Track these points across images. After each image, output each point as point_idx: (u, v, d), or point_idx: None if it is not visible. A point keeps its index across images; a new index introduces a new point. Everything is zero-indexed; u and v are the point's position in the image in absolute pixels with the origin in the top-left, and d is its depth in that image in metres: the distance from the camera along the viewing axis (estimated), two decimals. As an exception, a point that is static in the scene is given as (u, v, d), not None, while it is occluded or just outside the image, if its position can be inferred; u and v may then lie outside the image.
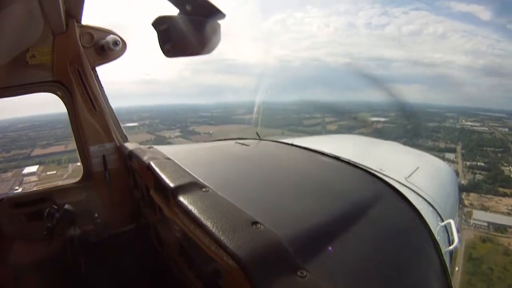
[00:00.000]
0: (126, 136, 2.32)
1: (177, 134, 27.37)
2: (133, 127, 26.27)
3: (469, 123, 28.69)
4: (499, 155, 23.56)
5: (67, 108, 2.15)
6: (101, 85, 2.15)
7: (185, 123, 30.08)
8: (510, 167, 21.41)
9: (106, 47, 2.02)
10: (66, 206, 1.78)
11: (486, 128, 27.93)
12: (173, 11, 1.06)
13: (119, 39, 2.04)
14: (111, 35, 2.04)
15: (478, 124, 28.64)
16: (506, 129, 27.43)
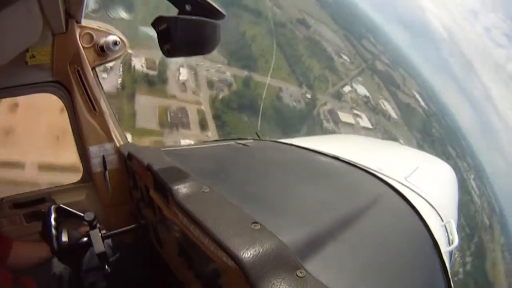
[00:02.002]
0: (126, 137, 2.32)
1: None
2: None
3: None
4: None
5: (66, 108, 2.15)
6: (101, 85, 2.15)
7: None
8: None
9: (106, 47, 2.02)
10: (52, 207, 1.77)
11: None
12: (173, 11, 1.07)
13: (119, 39, 2.04)
14: (111, 35, 2.04)
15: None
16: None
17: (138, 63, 37.29)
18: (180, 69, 42.69)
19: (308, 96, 58.88)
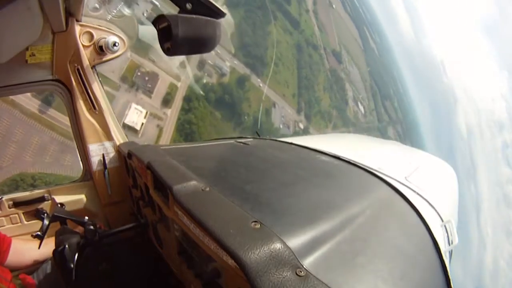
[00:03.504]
0: (125, 135, 2.32)
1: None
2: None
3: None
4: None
5: (66, 107, 2.15)
6: (100, 83, 2.15)
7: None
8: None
9: (105, 47, 2.02)
10: (56, 208, 1.78)
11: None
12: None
13: (118, 40, 2.04)
14: (111, 35, 2.04)
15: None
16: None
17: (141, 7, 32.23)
18: None
19: (301, 126, 53.30)
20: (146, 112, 30.41)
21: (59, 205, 1.92)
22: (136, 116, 29.32)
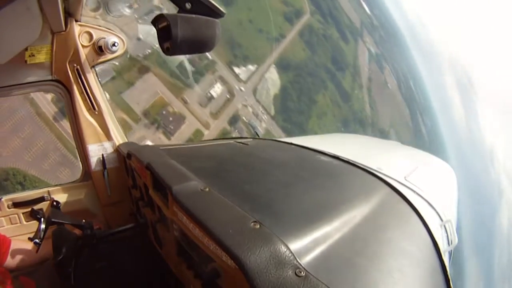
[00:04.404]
0: (125, 135, 2.32)
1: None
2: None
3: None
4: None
5: (66, 107, 2.15)
6: (100, 84, 2.15)
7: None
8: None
9: (104, 47, 2.02)
10: (51, 209, 1.77)
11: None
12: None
13: (117, 40, 2.04)
14: (110, 36, 2.04)
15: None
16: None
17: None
18: (217, 84, 35.56)
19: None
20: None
21: (54, 206, 1.90)
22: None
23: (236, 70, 39.12)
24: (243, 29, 42.45)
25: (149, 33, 28.08)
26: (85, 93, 2.07)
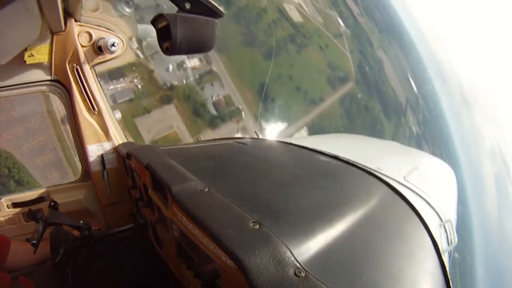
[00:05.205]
0: (124, 136, 2.32)
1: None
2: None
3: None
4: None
5: (65, 107, 2.15)
6: (99, 84, 2.15)
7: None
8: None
9: (104, 47, 2.02)
10: (49, 210, 1.77)
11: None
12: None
13: (116, 40, 2.04)
14: (110, 36, 2.04)
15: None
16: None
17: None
18: (238, 134, 31.95)
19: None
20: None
21: (52, 206, 1.90)
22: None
23: (264, 124, 35.99)
24: (280, 84, 39.76)
25: (181, 66, 28.13)
26: (84, 93, 2.07)
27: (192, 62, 29.83)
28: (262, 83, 34.49)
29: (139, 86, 25.42)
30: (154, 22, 1.09)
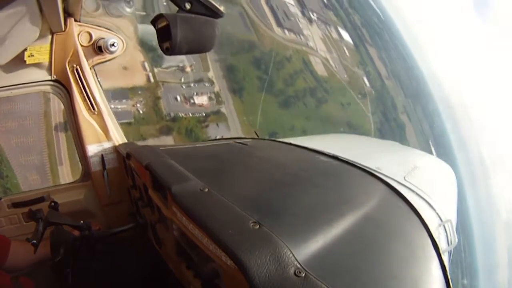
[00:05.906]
0: (124, 136, 2.32)
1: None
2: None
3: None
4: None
5: (65, 107, 2.15)
6: (99, 84, 2.15)
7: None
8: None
9: (104, 47, 2.02)
10: (49, 210, 1.77)
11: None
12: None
13: (116, 40, 2.04)
14: (110, 36, 2.04)
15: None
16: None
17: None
18: None
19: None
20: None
21: (52, 206, 1.90)
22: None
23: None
24: (292, 136, 36.23)
25: (189, 101, 27.59)
26: (84, 93, 2.07)
27: (201, 99, 29.08)
28: (273, 132, 33.18)
29: (141, 112, 24.99)
30: (154, 22, 1.09)
